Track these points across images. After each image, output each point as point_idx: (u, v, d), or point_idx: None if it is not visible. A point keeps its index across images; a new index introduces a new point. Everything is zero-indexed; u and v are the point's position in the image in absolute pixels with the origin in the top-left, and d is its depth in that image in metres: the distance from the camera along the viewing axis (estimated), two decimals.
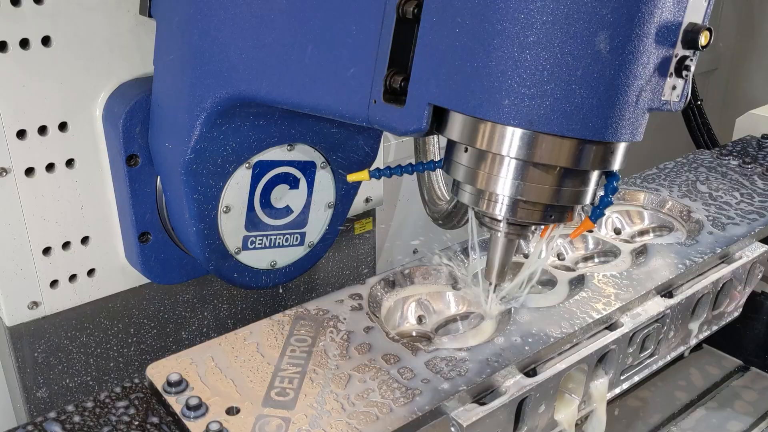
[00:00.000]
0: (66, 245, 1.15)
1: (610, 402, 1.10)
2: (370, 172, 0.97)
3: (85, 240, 1.17)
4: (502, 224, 0.89)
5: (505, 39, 0.72)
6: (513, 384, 0.94)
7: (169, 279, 1.23)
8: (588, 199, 0.85)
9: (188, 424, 0.84)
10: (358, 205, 1.49)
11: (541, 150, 0.78)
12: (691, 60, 0.78)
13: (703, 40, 0.77)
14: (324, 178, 1.19)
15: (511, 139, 0.77)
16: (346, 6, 0.84)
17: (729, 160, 1.52)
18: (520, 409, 0.95)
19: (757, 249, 1.24)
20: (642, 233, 1.33)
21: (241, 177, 1.10)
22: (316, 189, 1.19)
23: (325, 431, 0.83)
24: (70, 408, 0.87)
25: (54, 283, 1.16)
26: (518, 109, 0.74)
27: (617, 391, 1.11)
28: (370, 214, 1.54)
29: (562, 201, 0.83)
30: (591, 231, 1.27)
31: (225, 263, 1.16)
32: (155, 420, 0.86)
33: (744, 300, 1.26)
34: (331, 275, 1.50)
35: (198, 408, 0.85)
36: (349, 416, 0.85)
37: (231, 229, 1.14)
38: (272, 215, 1.17)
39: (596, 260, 1.25)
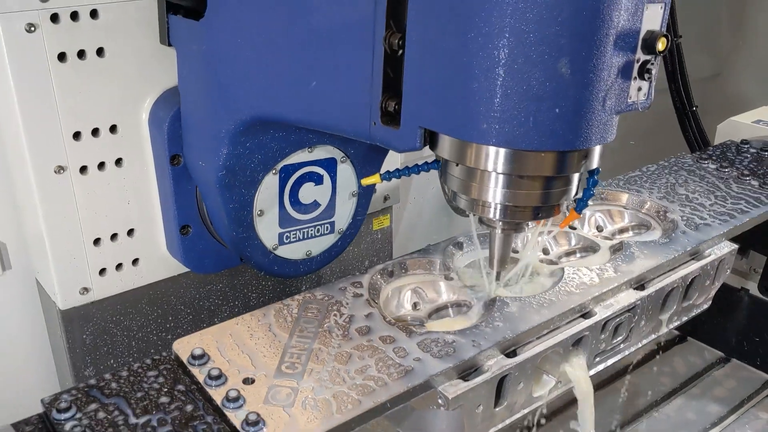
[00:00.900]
0: (114, 236, 1.25)
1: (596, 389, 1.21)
2: (381, 175, 1.06)
3: (130, 232, 1.26)
4: (497, 223, 1.01)
5: (477, 71, 0.80)
6: (494, 363, 1.05)
7: (206, 268, 1.32)
8: (572, 195, 0.94)
9: (210, 391, 0.95)
10: (377, 203, 1.59)
11: (522, 163, 0.87)
12: (652, 64, 0.85)
13: (660, 45, 0.83)
14: (345, 171, 1.27)
15: (494, 157, 0.87)
16: (343, 39, 0.93)
17: (708, 163, 1.63)
18: (501, 385, 1.06)
19: (725, 247, 1.35)
20: (622, 231, 1.43)
21: (270, 183, 1.19)
22: (339, 181, 1.27)
23: (328, 400, 0.94)
24: (108, 376, 0.99)
25: (102, 271, 1.25)
26: (495, 130, 0.82)
27: (592, 372, 1.23)
28: (387, 211, 1.65)
29: (549, 202, 0.93)
30: (574, 228, 1.40)
31: (265, 259, 1.25)
32: (181, 388, 0.97)
33: (713, 293, 1.38)
34: (352, 268, 1.60)
35: (218, 378, 0.97)
36: (349, 388, 0.96)
37: (266, 229, 1.23)
38: (302, 211, 1.26)
39: (578, 255, 1.35)
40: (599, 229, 1.43)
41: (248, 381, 0.98)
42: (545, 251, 1.35)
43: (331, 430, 0.91)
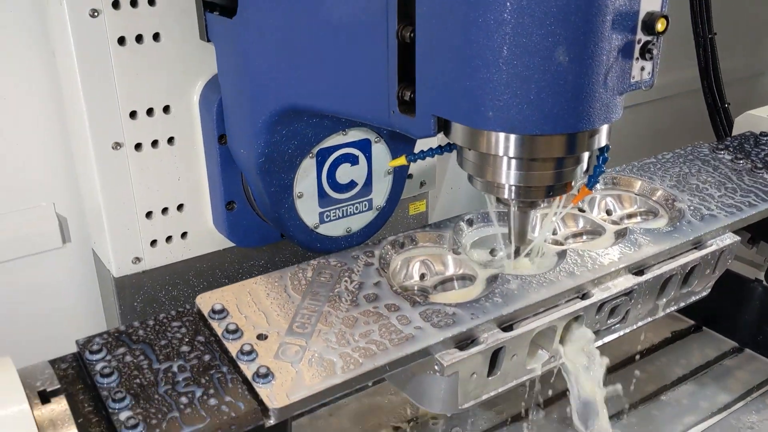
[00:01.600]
0: (164, 210, 1.32)
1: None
2: (407, 157, 1.12)
3: (180, 207, 1.33)
4: (513, 202, 1.05)
5: (480, 61, 0.85)
6: (490, 335, 1.10)
7: (249, 242, 1.39)
8: (582, 172, 0.98)
9: (227, 344, 1.03)
10: (413, 188, 1.64)
11: (531, 147, 0.91)
12: (653, 44, 0.87)
13: (659, 26, 0.85)
14: (380, 151, 1.31)
15: (504, 142, 0.92)
16: (360, 32, 0.98)
17: (724, 154, 1.63)
18: (495, 357, 1.12)
19: (727, 239, 1.36)
20: (630, 216, 1.46)
21: (308, 166, 1.24)
22: (374, 161, 1.31)
23: (332, 359, 1.01)
24: (136, 324, 1.08)
25: (153, 243, 1.33)
26: (501, 117, 0.87)
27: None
28: (423, 196, 1.70)
29: (561, 180, 0.97)
30: (583, 211, 1.43)
31: (307, 237, 1.31)
32: (201, 339, 1.05)
33: (713, 282, 1.40)
34: None
35: (235, 332, 1.04)
36: (353, 350, 1.03)
37: (307, 209, 1.28)
38: (340, 190, 1.31)
39: (583, 237, 1.39)
40: (608, 212, 1.46)
41: (262, 337, 1.05)
42: (553, 231, 1.39)
43: (333, 387, 0.98)
